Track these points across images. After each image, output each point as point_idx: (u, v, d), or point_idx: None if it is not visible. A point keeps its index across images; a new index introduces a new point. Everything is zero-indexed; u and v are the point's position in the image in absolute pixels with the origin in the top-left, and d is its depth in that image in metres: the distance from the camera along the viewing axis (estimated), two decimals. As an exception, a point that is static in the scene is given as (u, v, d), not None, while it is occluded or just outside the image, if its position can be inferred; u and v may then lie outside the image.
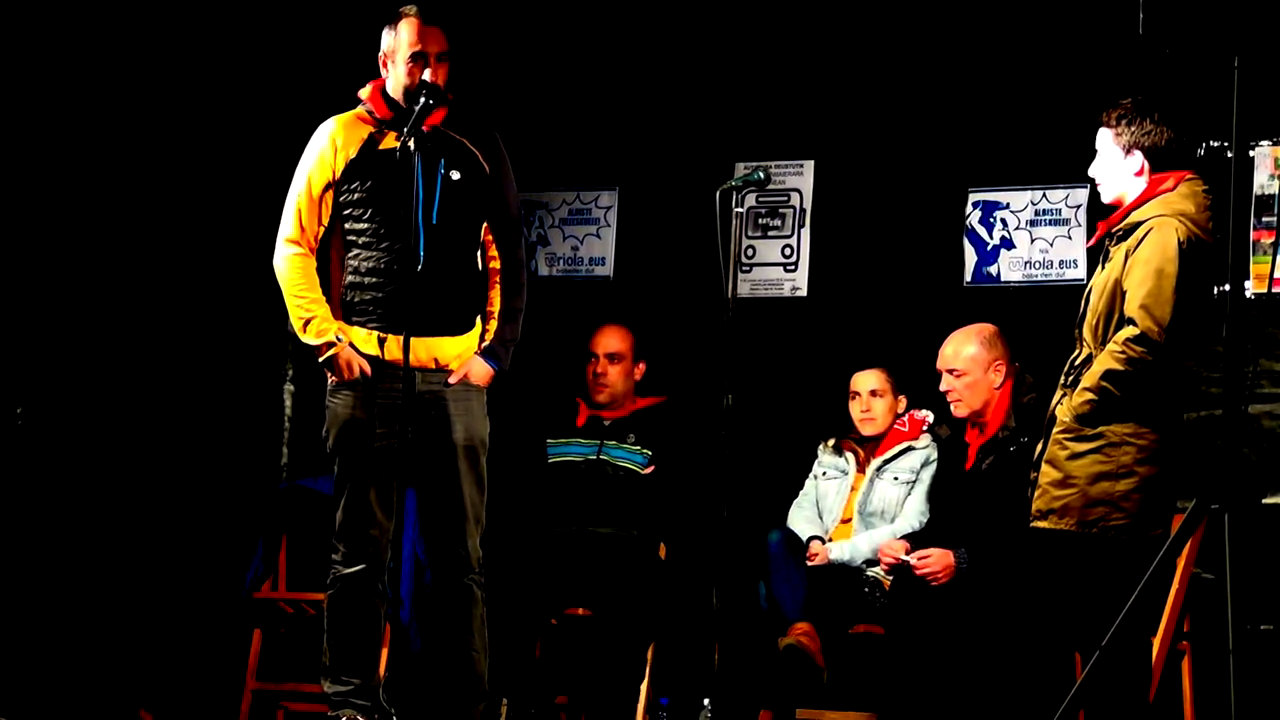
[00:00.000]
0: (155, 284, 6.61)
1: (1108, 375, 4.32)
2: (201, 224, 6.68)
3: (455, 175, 4.88)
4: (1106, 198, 4.58)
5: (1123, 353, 4.30)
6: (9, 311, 6.22)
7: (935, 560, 5.37)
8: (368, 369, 4.82)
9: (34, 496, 6.18)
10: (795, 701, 5.69)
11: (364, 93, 4.94)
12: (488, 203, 4.98)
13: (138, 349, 6.55)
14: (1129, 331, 4.30)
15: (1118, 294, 4.36)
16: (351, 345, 4.83)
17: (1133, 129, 4.46)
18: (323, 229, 4.90)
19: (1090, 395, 4.35)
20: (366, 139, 4.88)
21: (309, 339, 4.83)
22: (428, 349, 4.85)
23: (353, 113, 4.94)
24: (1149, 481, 4.33)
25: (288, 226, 4.89)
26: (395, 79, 4.85)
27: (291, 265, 4.86)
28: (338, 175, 4.86)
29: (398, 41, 4.83)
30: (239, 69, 6.72)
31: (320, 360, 4.83)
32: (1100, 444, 4.34)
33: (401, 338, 4.67)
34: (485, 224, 5.01)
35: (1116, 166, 4.51)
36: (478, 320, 4.98)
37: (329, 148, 4.87)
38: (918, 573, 5.36)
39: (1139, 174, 4.48)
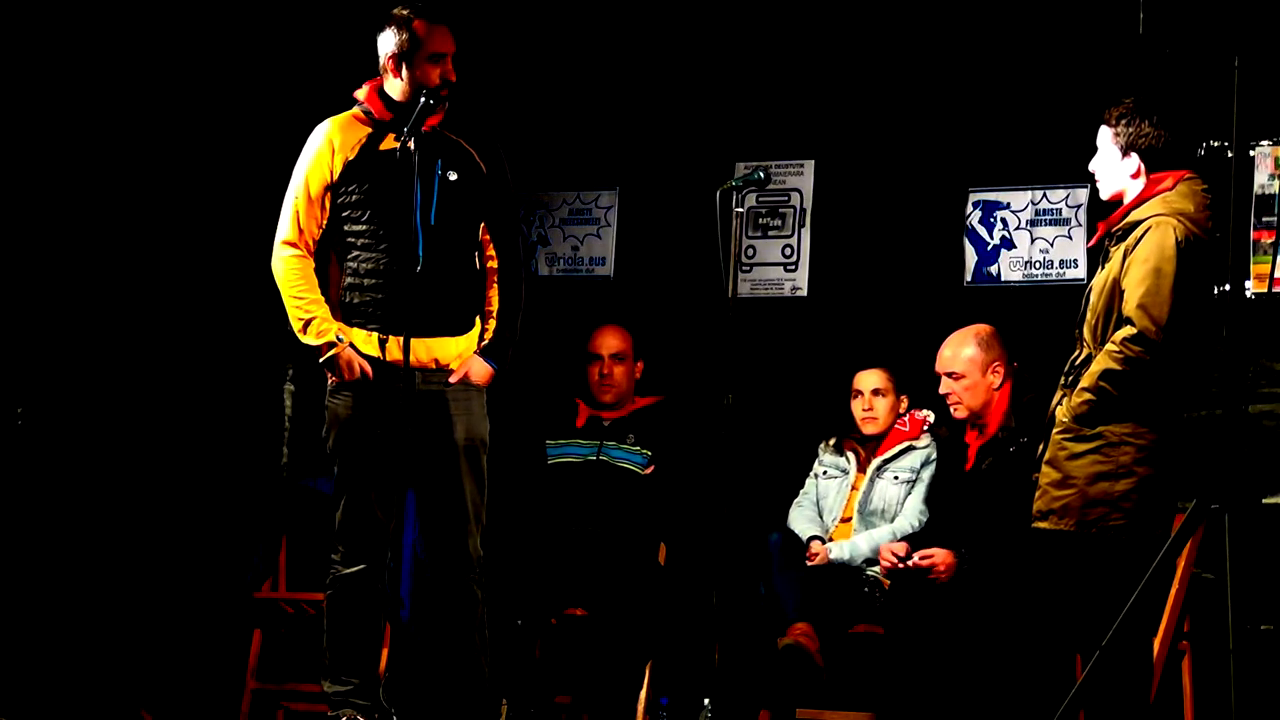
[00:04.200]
0: (155, 285, 6.61)
1: (1105, 375, 4.32)
2: (201, 225, 6.68)
3: (453, 176, 4.86)
4: (1104, 194, 4.59)
5: (1120, 352, 4.29)
6: (9, 311, 6.22)
7: (937, 555, 5.36)
8: (369, 369, 4.81)
9: (34, 496, 6.18)
10: (795, 701, 5.68)
11: (360, 94, 4.91)
12: (485, 203, 4.98)
13: (138, 349, 6.56)
14: (1126, 331, 4.29)
15: (1116, 294, 4.36)
16: (352, 346, 4.82)
17: (1130, 130, 4.46)
18: (321, 231, 4.89)
19: (1088, 395, 4.35)
20: (364, 140, 4.86)
21: (309, 340, 4.81)
22: (428, 349, 4.84)
23: (349, 114, 4.91)
24: (1148, 481, 4.32)
25: (285, 229, 4.87)
26: (408, 80, 4.81)
27: (290, 267, 4.85)
28: (335, 177, 4.85)
29: (412, 42, 4.79)
30: (238, 69, 6.72)
31: (321, 361, 4.82)
32: (1099, 444, 4.34)
33: (401, 338, 4.68)
34: (483, 224, 5.01)
35: (1114, 165, 4.51)
36: (477, 320, 4.98)
37: (326, 149, 4.85)
38: (920, 565, 5.35)
39: (1135, 175, 4.48)
